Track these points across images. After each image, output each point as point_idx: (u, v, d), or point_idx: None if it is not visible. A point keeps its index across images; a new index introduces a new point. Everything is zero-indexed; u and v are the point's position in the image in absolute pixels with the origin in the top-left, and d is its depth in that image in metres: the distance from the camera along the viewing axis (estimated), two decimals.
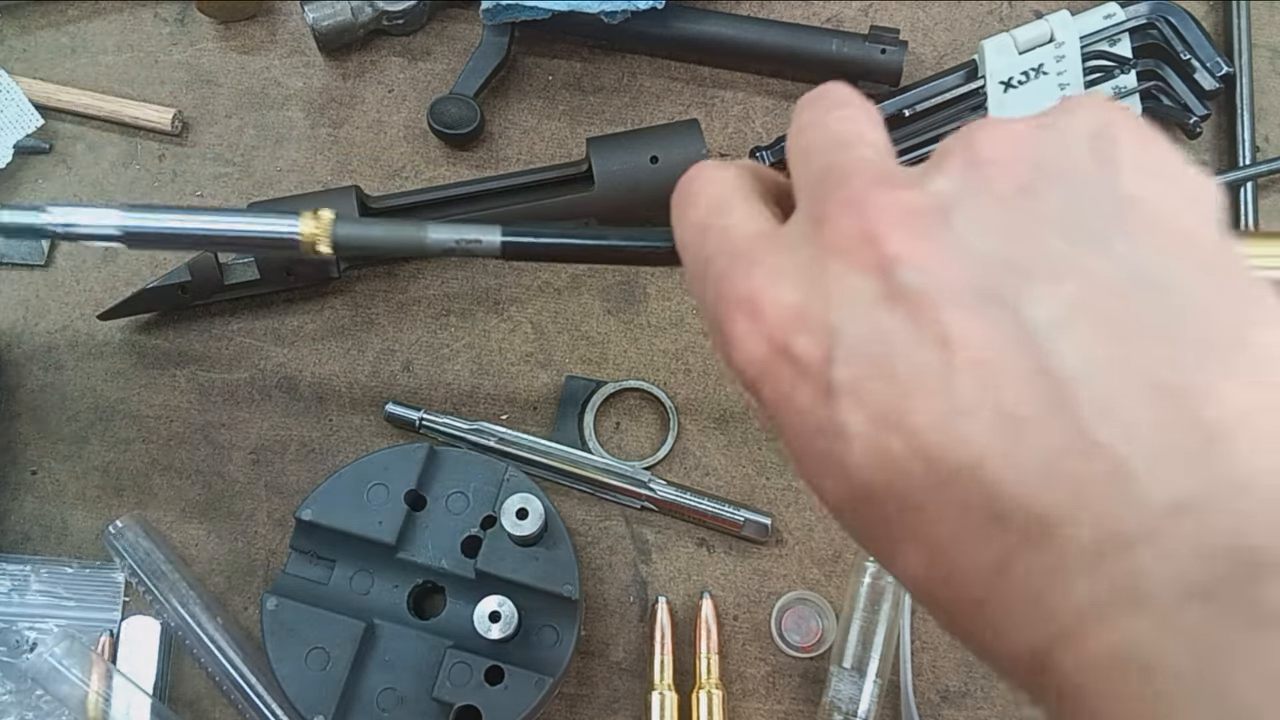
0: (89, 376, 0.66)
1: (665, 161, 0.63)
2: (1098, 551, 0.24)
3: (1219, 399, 0.25)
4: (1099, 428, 0.25)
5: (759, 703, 0.61)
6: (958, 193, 0.28)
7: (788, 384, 0.29)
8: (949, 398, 0.26)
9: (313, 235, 0.47)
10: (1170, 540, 0.24)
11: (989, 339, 0.26)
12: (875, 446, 0.27)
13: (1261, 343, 0.26)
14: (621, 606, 0.62)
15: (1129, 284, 0.26)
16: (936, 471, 0.26)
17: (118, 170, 0.69)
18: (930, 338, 0.27)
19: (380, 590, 0.58)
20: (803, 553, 0.63)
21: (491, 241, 0.47)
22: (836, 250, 0.29)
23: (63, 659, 0.59)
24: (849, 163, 0.30)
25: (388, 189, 0.68)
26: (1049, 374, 0.26)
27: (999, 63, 0.66)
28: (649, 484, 0.62)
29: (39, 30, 0.72)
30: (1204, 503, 0.24)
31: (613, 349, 0.66)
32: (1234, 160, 0.67)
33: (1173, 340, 0.26)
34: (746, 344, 0.30)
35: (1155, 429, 0.25)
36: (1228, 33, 0.69)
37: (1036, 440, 0.25)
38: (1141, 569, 0.24)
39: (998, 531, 0.26)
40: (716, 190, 0.34)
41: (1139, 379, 0.25)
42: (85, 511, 0.64)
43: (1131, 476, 0.24)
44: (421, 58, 0.71)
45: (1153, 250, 0.27)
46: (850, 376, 0.28)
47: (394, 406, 0.64)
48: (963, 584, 0.27)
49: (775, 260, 0.30)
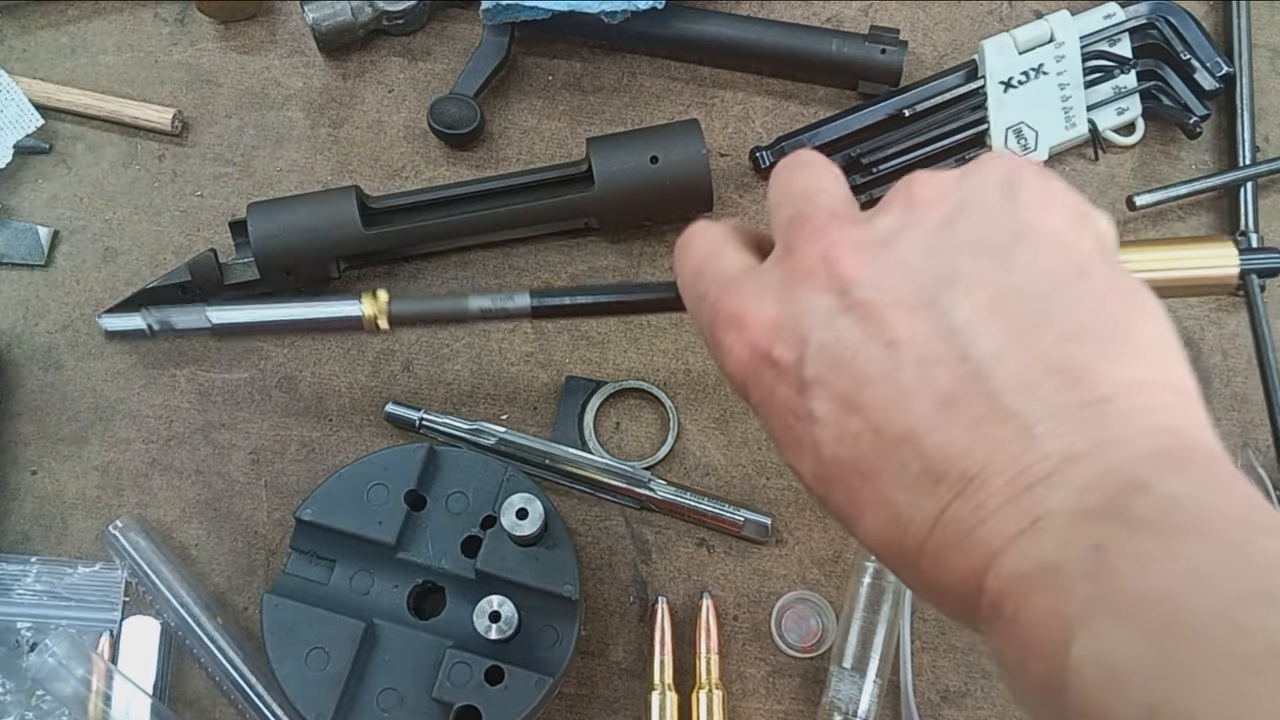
0: (89, 376, 0.66)
1: (665, 161, 0.63)
2: (1011, 494, 0.32)
3: (1101, 376, 0.33)
4: (1009, 400, 0.33)
5: (759, 703, 0.61)
6: (899, 227, 0.37)
7: (770, 382, 0.37)
8: (895, 384, 0.34)
9: (373, 314, 0.53)
10: (1064, 480, 0.31)
11: (924, 336, 0.34)
12: (839, 426, 0.35)
13: (1136, 333, 0.34)
14: (621, 606, 0.62)
15: (1027, 290, 0.35)
16: (886, 441, 0.34)
17: (118, 170, 0.69)
18: (879, 338, 0.35)
19: (380, 590, 0.58)
20: (803, 553, 0.63)
21: (523, 304, 0.54)
22: (803, 274, 0.37)
23: (63, 659, 0.59)
24: (812, 208, 0.39)
25: (388, 189, 0.68)
26: (970, 360, 0.34)
27: (999, 63, 0.66)
28: (649, 484, 0.62)
29: (39, 30, 0.72)
30: (1090, 452, 0.31)
31: (613, 349, 0.66)
32: (1234, 160, 0.67)
33: (1064, 332, 0.34)
34: (735, 352, 0.38)
35: (1052, 400, 0.33)
36: (1228, 33, 0.69)
37: (961, 411, 0.33)
38: (1043, 503, 0.31)
39: (935, 487, 0.33)
40: (708, 240, 0.43)
41: (1038, 362, 0.33)
42: (85, 511, 0.64)
43: (1034, 436, 0.32)
44: (421, 58, 0.71)
45: (1045, 263, 0.35)
46: (818, 373, 0.36)
47: (394, 406, 0.64)
48: (912, 533, 0.34)
49: (755, 285, 0.39)
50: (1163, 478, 0.30)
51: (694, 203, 0.64)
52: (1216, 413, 0.64)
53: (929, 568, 0.34)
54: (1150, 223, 0.68)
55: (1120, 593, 0.29)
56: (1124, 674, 0.28)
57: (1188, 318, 0.66)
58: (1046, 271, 0.35)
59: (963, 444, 0.33)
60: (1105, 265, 0.36)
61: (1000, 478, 0.32)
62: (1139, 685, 0.27)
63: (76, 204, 0.69)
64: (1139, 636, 0.28)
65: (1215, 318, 0.66)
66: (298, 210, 0.63)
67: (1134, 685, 0.27)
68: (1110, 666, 0.28)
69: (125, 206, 0.69)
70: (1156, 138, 0.69)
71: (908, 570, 0.36)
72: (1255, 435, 0.64)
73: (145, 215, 0.69)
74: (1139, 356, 0.34)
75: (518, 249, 0.68)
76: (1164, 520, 0.29)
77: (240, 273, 0.64)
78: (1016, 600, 0.31)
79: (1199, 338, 0.65)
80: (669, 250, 0.67)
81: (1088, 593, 0.29)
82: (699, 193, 0.64)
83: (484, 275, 0.67)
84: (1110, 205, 0.68)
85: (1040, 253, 0.35)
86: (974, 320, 0.34)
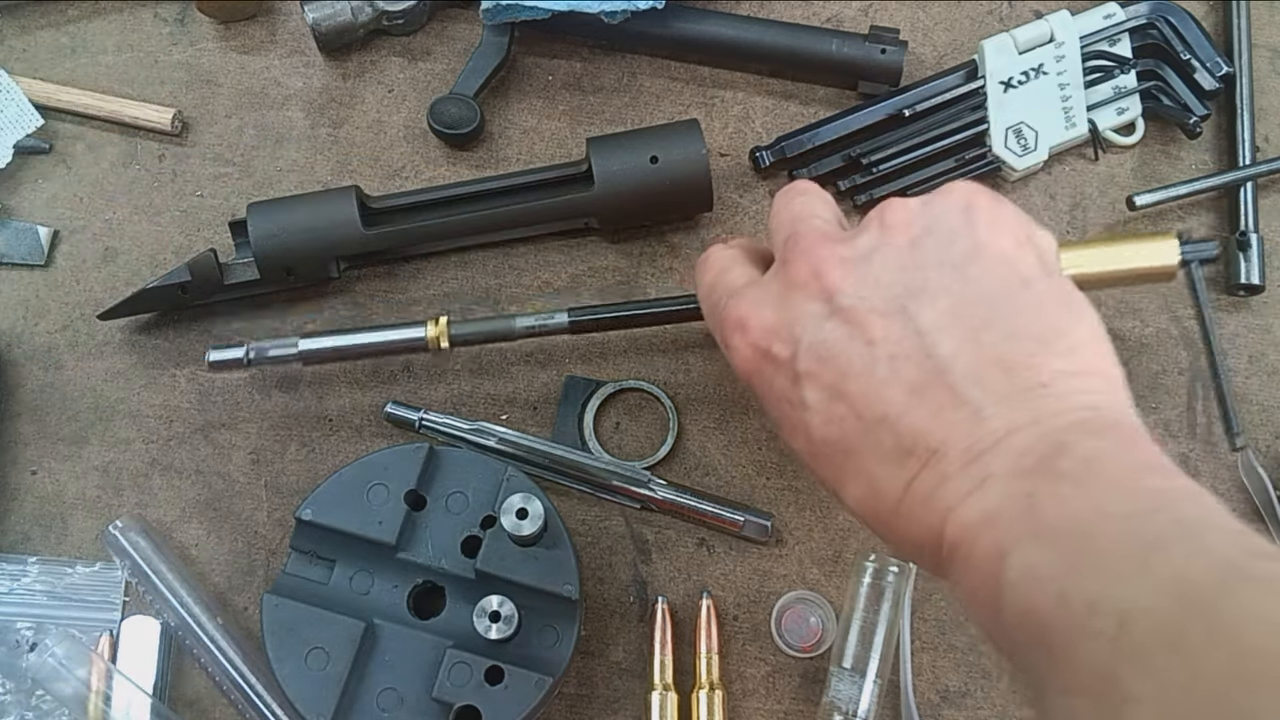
0: (89, 376, 0.66)
1: (665, 161, 0.63)
2: (965, 462, 0.40)
3: (1039, 368, 0.41)
4: (964, 390, 0.41)
5: (759, 703, 0.61)
6: (875, 246, 0.45)
7: (770, 375, 0.46)
8: (872, 376, 0.42)
9: (436, 336, 0.61)
10: (1006, 448, 0.39)
11: (896, 336, 0.42)
12: (827, 411, 0.43)
13: (1069, 332, 0.42)
14: (621, 606, 0.62)
15: (980, 298, 0.43)
16: (865, 424, 0.42)
17: (118, 170, 0.69)
18: (859, 337, 0.43)
19: (380, 590, 0.58)
20: (803, 553, 0.63)
21: (561, 320, 0.62)
22: (797, 285, 0.45)
23: (63, 659, 0.59)
24: (805, 229, 0.47)
25: (388, 189, 0.68)
26: (934, 357, 0.42)
27: (999, 63, 0.66)
28: (649, 484, 0.62)
29: (39, 30, 0.72)
30: (1026, 425, 0.40)
31: (613, 349, 0.66)
32: (1234, 160, 0.67)
33: (1009, 333, 0.42)
34: (741, 351, 0.47)
35: (998, 388, 0.41)
36: (1228, 33, 0.69)
37: (927, 399, 0.41)
38: (989, 467, 0.39)
39: (905, 460, 0.41)
40: (720, 260, 0.52)
41: (988, 358, 0.41)
42: (85, 511, 0.64)
43: (984, 417, 0.40)
44: (421, 58, 0.71)
45: (995, 276, 0.43)
46: (809, 367, 0.44)
47: (394, 406, 0.64)
48: (886, 498, 0.42)
49: (757, 294, 0.47)
50: (1081, 441, 0.38)
51: (694, 203, 0.64)
52: (1217, 412, 0.64)
53: (901, 526, 0.42)
54: (1150, 223, 0.68)
55: (1043, 524, 0.37)
56: (1042, 576, 0.36)
57: (1187, 318, 0.66)
58: (996, 283, 0.43)
59: (927, 425, 0.41)
60: (1046, 276, 0.44)
61: (956, 449, 0.40)
62: (1052, 581, 0.35)
63: (76, 204, 0.69)
64: (1054, 550, 0.36)
65: (1215, 318, 0.66)
66: (298, 210, 0.63)
67: (1049, 582, 0.35)
68: (1032, 574, 0.36)
69: (125, 206, 0.69)
70: (1156, 138, 0.69)
71: (884, 529, 0.43)
72: (1255, 435, 0.64)
73: (145, 215, 0.69)
74: (1070, 351, 0.42)
75: (518, 249, 0.68)
76: (1080, 471, 0.37)
77: (240, 273, 0.64)
78: (968, 544, 0.39)
79: (1199, 338, 0.65)
80: (669, 250, 0.67)
81: (1020, 528, 0.37)
82: (699, 193, 0.64)
83: (484, 275, 0.67)
84: (1110, 205, 0.68)
85: (991, 267, 0.43)
86: (937, 324, 0.42)
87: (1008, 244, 0.44)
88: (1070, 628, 0.34)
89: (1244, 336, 0.65)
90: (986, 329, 0.42)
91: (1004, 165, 0.66)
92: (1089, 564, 0.35)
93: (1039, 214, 0.68)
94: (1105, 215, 0.68)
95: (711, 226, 0.68)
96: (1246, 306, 0.66)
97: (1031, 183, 0.68)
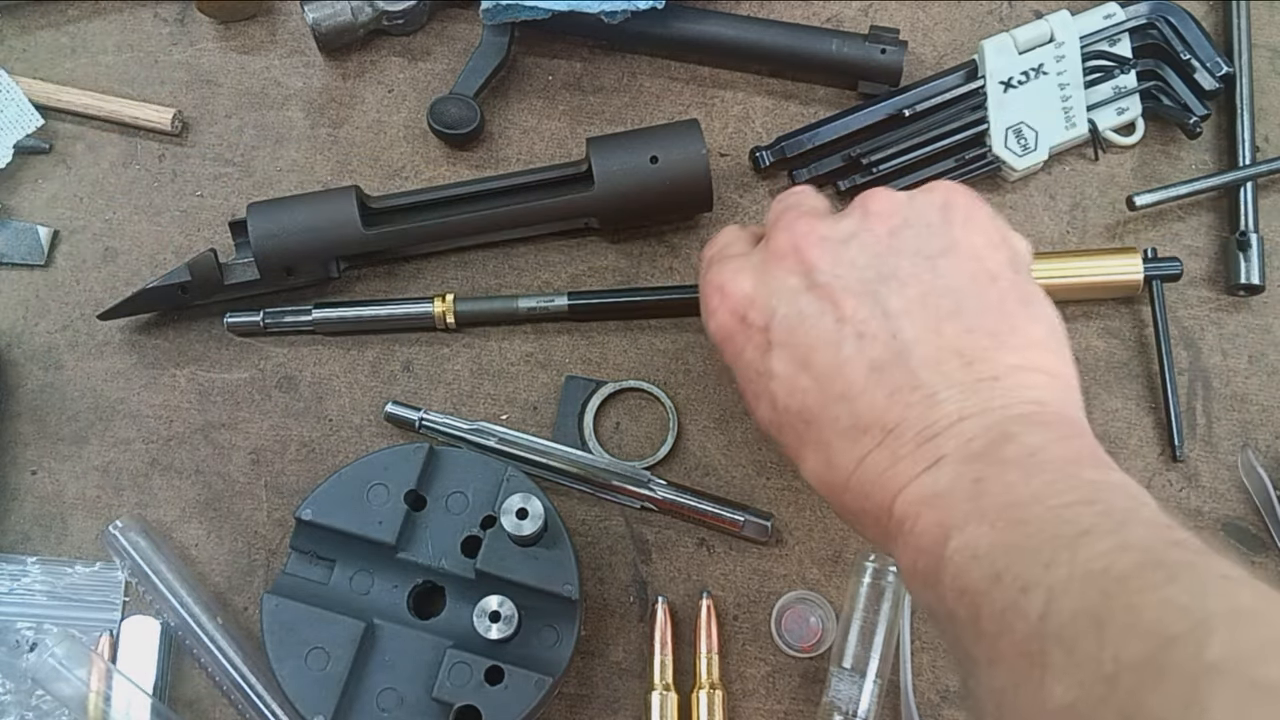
0: (89, 376, 0.66)
1: (665, 161, 0.63)
2: (918, 444, 0.43)
3: (993, 360, 0.44)
4: (921, 374, 0.43)
5: (759, 703, 0.61)
6: (855, 230, 0.47)
7: (741, 342, 0.48)
8: (839, 351, 0.45)
9: (442, 311, 0.64)
10: (957, 433, 0.42)
11: (865, 316, 0.45)
12: (792, 381, 0.46)
13: (1026, 330, 0.45)
14: (621, 606, 0.62)
15: (947, 290, 0.45)
16: (826, 398, 0.45)
17: (118, 170, 0.69)
18: (831, 313, 0.45)
19: (380, 590, 0.58)
20: (803, 553, 0.63)
21: (561, 303, 0.64)
22: (777, 258, 0.48)
23: (63, 659, 0.59)
24: (792, 210, 0.50)
25: (388, 189, 0.68)
26: (897, 339, 0.44)
27: (999, 63, 0.66)
28: (649, 484, 0.62)
29: (39, 30, 0.72)
30: (977, 413, 0.42)
31: (613, 349, 0.66)
32: (1234, 160, 0.67)
33: (970, 325, 0.44)
34: (718, 315, 0.49)
35: (953, 376, 0.43)
36: (1228, 33, 0.69)
37: (886, 379, 0.44)
38: (940, 449, 0.42)
39: (861, 437, 0.44)
40: (727, 235, 0.55)
41: (948, 347, 0.44)
42: (85, 511, 0.64)
43: (938, 402, 0.43)
44: (421, 58, 0.71)
45: (964, 271, 0.46)
46: (780, 337, 0.46)
47: (394, 406, 0.64)
48: (841, 471, 0.45)
49: (740, 263, 0.50)
50: (1026, 432, 0.41)
51: (694, 203, 0.64)
52: (1216, 412, 0.64)
53: (851, 500, 0.45)
54: (1150, 223, 0.68)
55: (986, 506, 0.39)
56: (981, 555, 0.38)
57: (1187, 318, 0.66)
58: (964, 278, 0.46)
59: (884, 405, 0.44)
60: (1013, 276, 0.46)
61: (910, 431, 0.43)
62: (990, 561, 0.38)
63: (76, 204, 0.69)
64: (994, 532, 0.38)
65: (1215, 318, 0.66)
66: (297, 210, 0.63)
67: (986, 561, 0.38)
68: (972, 553, 0.38)
69: (125, 206, 0.69)
70: (1156, 138, 0.69)
71: (836, 499, 0.46)
72: (1255, 435, 0.64)
73: (145, 215, 0.69)
74: (1025, 348, 0.44)
75: (518, 249, 0.68)
76: (1023, 461, 0.40)
77: (240, 273, 0.64)
78: (914, 519, 0.41)
79: (1199, 338, 0.65)
80: (669, 250, 0.67)
81: (965, 508, 0.40)
82: (699, 193, 0.64)
83: (484, 275, 0.67)
84: (1110, 205, 0.68)
85: (961, 263, 0.46)
86: (905, 309, 0.45)
87: (980, 243, 0.47)
88: (1002, 604, 0.36)
89: (1244, 336, 0.65)
90: (950, 320, 0.44)
91: (1004, 165, 0.66)
92: (1024, 547, 0.37)
93: (1039, 214, 0.68)
94: (1105, 215, 0.68)
95: (711, 226, 0.68)
96: (1246, 306, 0.66)
97: (1031, 183, 0.68)
